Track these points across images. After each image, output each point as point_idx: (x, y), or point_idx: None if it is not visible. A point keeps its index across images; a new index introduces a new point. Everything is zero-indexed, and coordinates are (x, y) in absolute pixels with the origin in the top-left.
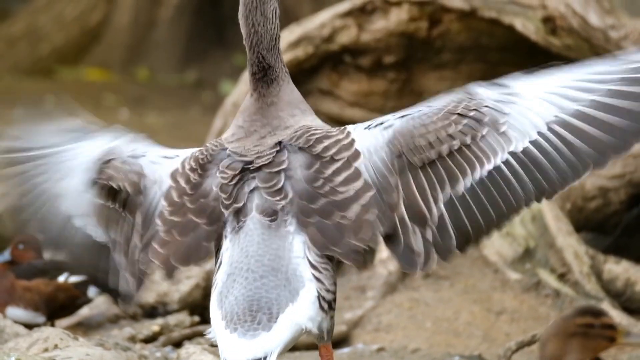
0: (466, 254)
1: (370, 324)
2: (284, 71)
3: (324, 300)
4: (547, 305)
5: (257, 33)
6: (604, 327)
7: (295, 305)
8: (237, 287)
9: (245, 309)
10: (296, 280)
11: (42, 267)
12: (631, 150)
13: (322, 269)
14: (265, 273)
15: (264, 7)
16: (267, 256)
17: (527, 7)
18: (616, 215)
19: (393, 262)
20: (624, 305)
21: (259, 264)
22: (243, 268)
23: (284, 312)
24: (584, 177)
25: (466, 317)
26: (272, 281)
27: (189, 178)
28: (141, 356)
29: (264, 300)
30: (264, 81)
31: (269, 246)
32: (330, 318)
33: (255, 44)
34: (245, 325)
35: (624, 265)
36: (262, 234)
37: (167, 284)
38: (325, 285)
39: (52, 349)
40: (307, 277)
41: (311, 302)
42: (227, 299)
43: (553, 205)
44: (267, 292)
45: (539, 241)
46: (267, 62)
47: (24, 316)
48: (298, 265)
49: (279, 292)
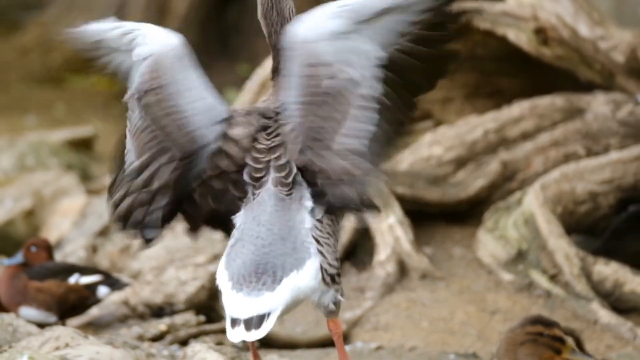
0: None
1: (369, 323)
2: None
3: (327, 273)
4: (539, 305)
5: (277, 33)
6: (553, 338)
7: (299, 272)
8: (245, 251)
9: (251, 272)
10: (303, 251)
11: (54, 268)
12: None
13: (324, 243)
14: (274, 241)
15: (280, 6)
16: (278, 225)
17: (520, 19)
18: (605, 219)
19: (391, 264)
20: (613, 305)
21: (269, 233)
22: (253, 235)
23: (288, 276)
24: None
25: (461, 316)
26: (279, 249)
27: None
28: (149, 354)
29: (270, 264)
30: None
31: (280, 217)
32: (334, 291)
33: (277, 42)
34: (250, 285)
35: (613, 267)
36: (275, 204)
37: (174, 285)
38: (328, 260)
39: (63, 348)
40: (313, 249)
41: (315, 271)
42: (234, 262)
43: (545, 209)
44: (273, 257)
45: (531, 243)
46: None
47: (36, 316)
48: (307, 237)
49: (285, 258)
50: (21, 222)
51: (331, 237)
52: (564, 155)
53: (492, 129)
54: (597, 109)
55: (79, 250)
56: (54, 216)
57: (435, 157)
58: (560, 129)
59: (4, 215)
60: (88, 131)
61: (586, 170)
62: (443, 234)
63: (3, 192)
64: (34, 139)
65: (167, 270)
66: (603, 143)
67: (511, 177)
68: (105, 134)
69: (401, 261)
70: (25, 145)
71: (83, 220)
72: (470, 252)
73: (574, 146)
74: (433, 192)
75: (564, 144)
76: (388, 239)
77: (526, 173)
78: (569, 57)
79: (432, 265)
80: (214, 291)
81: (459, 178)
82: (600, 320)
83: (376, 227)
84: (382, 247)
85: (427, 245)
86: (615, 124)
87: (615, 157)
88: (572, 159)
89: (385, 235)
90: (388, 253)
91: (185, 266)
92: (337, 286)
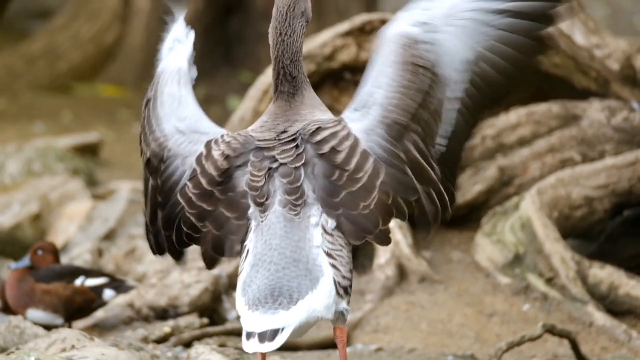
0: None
1: (369, 326)
2: (306, 81)
3: (340, 286)
4: (535, 307)
5: (283, 42)
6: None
7: (314, 292)
8: (259, 277)
9: (267, 295)
10: (316, 270)
11: (60, 271)
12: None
13: (337, 256)
14: (287, 264)
15: (294, 20)
16: (289, 248)
17: None
18: (600, 223)
19: (391, 267)
20: (608, 308)
21: (281, 256)
22: (266, 260)
23: (303, 298)
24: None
25: (459, 319)
26: (293, 271)
27: (217, 166)
28: (153, 356)
29: (286, 287)
30: (289, 93)
31: (290, 238)
32: (346, 303)
33: (281, 53)
34: (266, 305)
35: (608, 270)
36: (285, 226)
37: (178, 288)
38: (342, 272)
39: (69, 349)
40: (325, 266)
41: (329, 289)
42: (250, 288)
43: (541, 213)
44: (288, 281)
45: (528, 247)
46: (289, 72)
47: (43, 318)
48: (317, 255)
49: (300, 281)
50: (28, 226)
51: (344, 248)
52: (560, 161)
53: (490, 135)
54: (592, 116)
55: (85, 253)
56: (60, 220)
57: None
58: (556, 135)
59: (11, 219)
60: (94, 137)
61: (582, 175)
62: (442, 238)
63: (11, 196)
64: (41, 145)
65: (171, 274)
66: (598, 149)
67: (508, 182)
68: (110, 140)
69: (401, 265)
70: (32, 151)
71: (89, 224)
72: (468, 255)
73: (570, 152)
74: None
75: (560, 150)
76: None
77: (523, 178)
78: (565, 64)
79: (430, 268)
80: (217, 294)
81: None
82: (596, 323)
83: None
84: (381, 251)
85: (426, 249)
86: (610, 131)
87: (610, 162)
88: (568, 164)
89: None
90: (388, 257)
91: (189, 269)
92: (349, 297)
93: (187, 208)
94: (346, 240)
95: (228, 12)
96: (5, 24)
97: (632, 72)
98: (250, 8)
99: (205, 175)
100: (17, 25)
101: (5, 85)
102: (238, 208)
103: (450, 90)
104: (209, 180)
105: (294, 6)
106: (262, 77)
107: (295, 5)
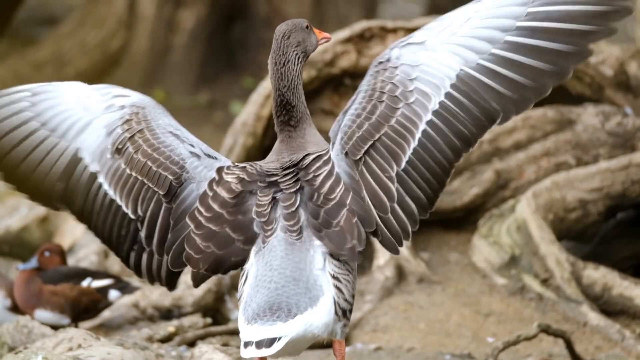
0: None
1: (368, 325)
2: (307, 114)
3: (340, 307)
4: (531, 308)
5: (278, 72)
6: None
7: (313, 309)
8: (259, 295)
9: (266, 309)
10: (316, 289)
11: (67, 272)
12: (530, 104)
13: (343, 279)
14: (287, 283)
15: (288, 49)
16: (290, 268)
17: None
18: (594, 225)
19: (390, 268)
20: (602, 308)
21: (281, 276)
22: (266, 280)
23: (302, 313)
24: (495, 125)
25: (457, 318)
26: (292, 289)
27: (230, 188)
28: (158, 355)
29: (285, 303)
30: (290, 124)
31: (291, 259)
32: (343, 325)
33: (278, 83)
34: (264, 318)
35: (602, 271)
36: (285, 249)
37: (181, 289)
38: (344, 295)
39: (76, 348)
40: (326, 287)
41: (329, 308)
42: (250, 306)
43: (537, 216)
44: (287, 297)
45: (524, 249)
46: (287, 100)
47: (50, 318)
48: (318, 276)
49: (299, 298)
50: (36, 228)
51: (350, 273)
52: (555, 164)
53: (487, 140)
54: (586, 121)
55: (91, 255)
56: (67, 222)
57: None
58: (551, 140)
59: (19, 221)
60: None
61: (576, 179)
62: (439, 240)
63: (18, 199)
64: None
65: None
66: (592, 153)
67: (505, 185)
68: None
69: (399, 266)
70: None
71: None
72: (465, 257)
73: (565, 156)
74: None
75: (555, 154)
76: None
77: (519, 182)
78: None
79: (429, 269)
80: (220, 294)
81: (454, 186)
82: (590, 323)
83: None
84: (381, 252)
85: (424, 250)
86: (604, 135)
87: (604, 166)
88: (562, 168)
89: None
90: (387, 258)
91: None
92: (347, 321)
93: (195, 230)
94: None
95: (231, 19)
96: (13, 31)
97: (626, 78)
98: (252, 15)
99: (217, 198)
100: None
101: None
102: (245, 232)
103: (423, 111)
104: (221, 202)
105: (289, 34)
106: (263, 82)
107: (290, 34)
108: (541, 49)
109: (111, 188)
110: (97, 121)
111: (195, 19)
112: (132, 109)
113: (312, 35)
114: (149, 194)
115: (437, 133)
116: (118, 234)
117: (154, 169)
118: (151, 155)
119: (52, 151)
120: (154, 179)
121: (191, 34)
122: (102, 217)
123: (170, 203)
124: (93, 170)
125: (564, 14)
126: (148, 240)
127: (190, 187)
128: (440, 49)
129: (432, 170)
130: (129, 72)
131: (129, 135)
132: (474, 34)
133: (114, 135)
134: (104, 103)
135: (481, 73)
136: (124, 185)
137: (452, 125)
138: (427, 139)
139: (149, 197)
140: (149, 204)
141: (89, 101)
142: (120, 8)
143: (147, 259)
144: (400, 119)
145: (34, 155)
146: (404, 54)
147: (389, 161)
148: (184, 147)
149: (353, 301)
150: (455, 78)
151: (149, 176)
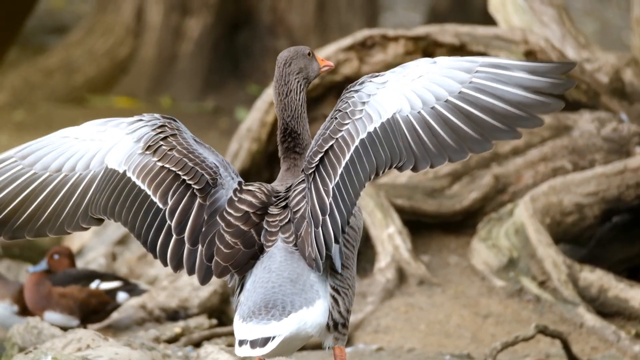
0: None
1: (370, 326)
2: (309, 140)
3: (332, 318)
4: (528, 309)
5: (281, 102)
6: None
7: (308, 309)
8: (256, 294)
9: (261, 307)
10: (312, 292)
11: (76, 275)
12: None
13: (342, 293)
14: (283, 282)
15: (289, 77)
16: (287, 271)
17: (511, 42)
18: (591, 229)
19: (391, 271)
20: (598, 310)
21: (278, 277)
22: (264, 280)
23: (296, 312)
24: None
25: (456, 320)
26: (288, 289)
27: (256, 195)
28: (164, 355)
29: (280, 301)
30: (296, 151)
31: (289, 265)
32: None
33: (282, 112)
34: (259, 316)
35: (598, 274)
36: (284, 255)
37: (188, 290)
38: (340, 308)
39: (84, 349)
40: (322, 293)
41: (324, 310)
42: (246, 305)
43: (534, 219)
44: (283, 295)
45: (522, 252)
46: (291, 128)
47: (59, 319)
48: (315, 282)
49: (294, 297)
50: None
51: (350, 289)
52: (552, 169)
53: None
54: (583, 127)
55: (100, 257)
56: None
57: (432, 171)
58: (548, 145)
59: None
60: None
61: (573, 183)
62: (439, 243)
63: None
64: None
65: (181, 277)
66: (588, 158)
67: (503, 190)
68: None
69: (400, 268)
70: None
71: (103, 229)
72: (464, 259)
73: (562, 161)
74: (430, 203)
75: (552, 159)
76: (388, 248)
77: (517, 186)
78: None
79: (429, 272)
80: (225, 296)
81: (454, 191)
82: (586, 324)
83: (377, 237)
84: (382, 255)
85: (424, 253)
86: (600, 141)
87: (600, 171)
88: (559, 173)
89: (385, 244)
90: (388, 261)
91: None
92: (340, 335)
93: (225, 227)
94: (354, 282)
95: (236, 27)
96: (24, 40)
97: (621, 85)
98: (257, 23)
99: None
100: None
101: (23, 97)
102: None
103: (362, 128)
104: (249, 204)
105: (290, 62)
106: (268, 89)
107: (291, 61)
108: (473, 118)
109: (139, 180)
110: (124, 140)
111: (201, 28)
112: (163, 120)
113: (314, 62)
114: (183, 187)
115: (364, 153)
116: (143, 221)
117: (190, 164)
118: (187, 155)
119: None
120: (190, 173)
121: (197, 42)
122: (127, 207)
123: (205, 200)
124: (121, 170)
125: (498, 95)
126: (178, 230)
127: (221, 192)
128: (396, 91)
129: (354, 188)
130: (136, 79)
131: (162, 136)
132: (426, 86)
133: (145, 138)
134: (124, 130)
135: (418, 121)
136: (155, 177)
137: (376, 151)
138: (356, 155)
139: (182, 190)
140: (181, 195)
141: (102, 135)
142: (128, 17)
143: (175, 246)
144: (344, 134)
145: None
146: (367, 85)
147: (329, 175)
148: (214, 157)
149: (348, 317)
150: (397, 116)
151: (185, 169)
